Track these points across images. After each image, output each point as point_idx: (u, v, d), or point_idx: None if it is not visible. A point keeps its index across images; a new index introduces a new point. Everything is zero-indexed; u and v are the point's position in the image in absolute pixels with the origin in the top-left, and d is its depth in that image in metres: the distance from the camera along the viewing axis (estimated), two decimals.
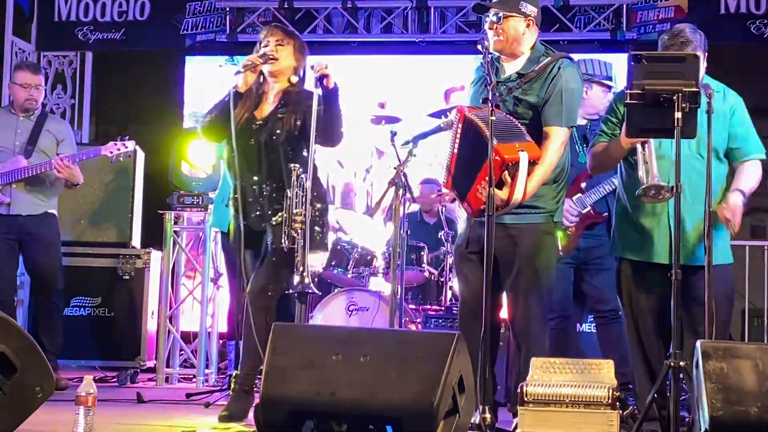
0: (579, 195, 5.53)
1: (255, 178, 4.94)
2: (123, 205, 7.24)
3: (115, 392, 5.99)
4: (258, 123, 4.97)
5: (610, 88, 5.72)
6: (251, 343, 4.82)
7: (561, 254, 5.31)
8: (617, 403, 3.92)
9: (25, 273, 6.63)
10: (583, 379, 4.02)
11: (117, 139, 6.40)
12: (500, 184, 4.24)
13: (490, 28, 4.52)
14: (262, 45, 4.98)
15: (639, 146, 4.27)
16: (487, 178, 4.16)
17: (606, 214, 5.52)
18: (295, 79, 4.98)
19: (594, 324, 6.01)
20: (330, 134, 4.85)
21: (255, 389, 4.96)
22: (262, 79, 5.02)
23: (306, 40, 8.61)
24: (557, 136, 4.46)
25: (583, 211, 5.51)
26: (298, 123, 4.91)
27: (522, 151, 4.22)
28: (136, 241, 7.28)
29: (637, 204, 4.41)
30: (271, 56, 4.92)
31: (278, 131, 4.91)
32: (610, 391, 3.92)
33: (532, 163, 4.27)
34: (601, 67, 5.75)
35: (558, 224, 4.66)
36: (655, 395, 3.97)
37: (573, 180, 5.42)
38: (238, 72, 4.89)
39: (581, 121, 5.51)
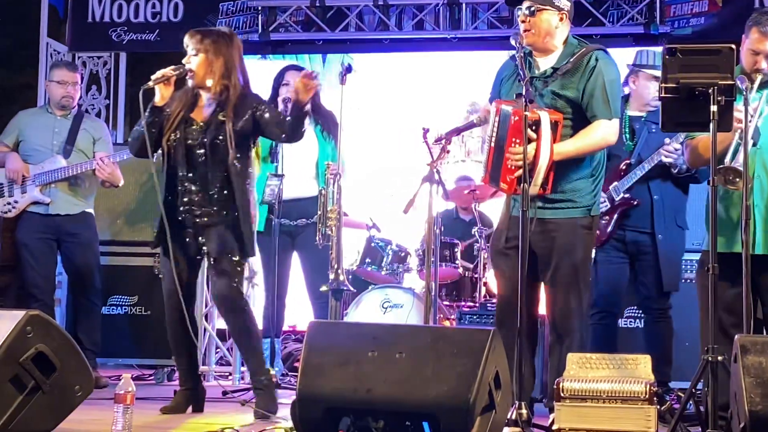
0: (615, 183, 5.48)
1: (191, 177, 4.91)
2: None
3: (152, 390, 6.02)
4: (199, 126, 4.92)
5: (657, 78, 5.67)
6: (248, 343, 5.00)
7: None
8: (655, 398, 3.90)
9: (62, 272, 6.69)
10: (620, 374, 4.00)
11: None
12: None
13: (523, 22, 4.51)
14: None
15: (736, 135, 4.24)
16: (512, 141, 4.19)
17: (638, 201, 5.46)
18: (210, 82, 4.88)
19: (630, 320, 5.98)
20: (292, 137, 4.96)
21: (275, 383, 5.05)
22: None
23: (338, 38, 8.78)
24: (606, 126, 4.47)
25: (617, 199, 5.47)
26: (243, 126, 4.89)
27: (542, 111, 4.24)
28: None
29: (724, 196, 4.36)
30: (185, 70, 4.87)
31: (221, 136, 4.87)
32: (648, 386, 3.90)
33: (555, 125, 4.28)
34: (650, 56, 5.66)
35: (596, 218, 4.64)
36: (693, 390, 3.95)
37: (614, 169, 5.40)
38: (146, 88, 4.78)
39: (638, 113, 5.49)
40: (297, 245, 6.36)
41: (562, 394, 3.96)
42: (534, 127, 4.23)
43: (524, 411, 4.01)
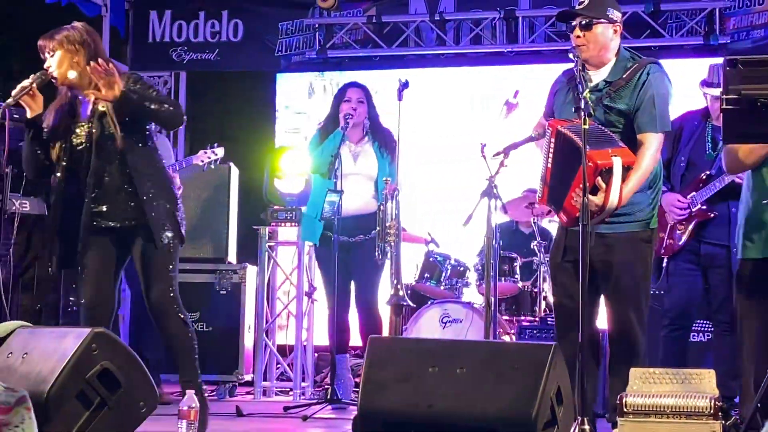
0: (693, 193, 5.44)
1: (91, 181, 4.61)
2: (219, 221, 7.35)
3: (214, 406, 6.07)
4: (83, 127, 4.64)
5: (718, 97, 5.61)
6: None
7: None
8: (720, 413, 3.85)
9: (126, 289, 6.77)
10: (684, 389, 3.96)
11: (207, 147, 6.48)
12: (594, 190, 4.20)
13: (578, 37, 4.50)
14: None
15: None
16: (581, 186, 4.14)
17: (715, 214, 5.40)
18: (73, 74, 4.55)
19: (698, 333, 5.91)
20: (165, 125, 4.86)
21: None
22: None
23: (395, 53, 8.81)
24: (652, 143, 4.42)
25: (693, 210, 5.42)
26: (123, 107, 4.53)
27: (615, 156, 4.19)
28: (232, 256, 7.38)
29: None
30: (48, 75, 4.57)
31: (107, 127, 4.57)
32: (712, 401, 3.85)
33: (627, 169, 4.24)
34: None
35: (654, 231, 4.61)
36: (758, 404, 3.89)
37: (693, 179, 5.35)
38: (9, 105, 4.53)
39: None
40: (352, 261, 6.35)
41: (625, 410, 3.93)
42: (607, 175, 4.19)
43: (587, 426, 3.97)
